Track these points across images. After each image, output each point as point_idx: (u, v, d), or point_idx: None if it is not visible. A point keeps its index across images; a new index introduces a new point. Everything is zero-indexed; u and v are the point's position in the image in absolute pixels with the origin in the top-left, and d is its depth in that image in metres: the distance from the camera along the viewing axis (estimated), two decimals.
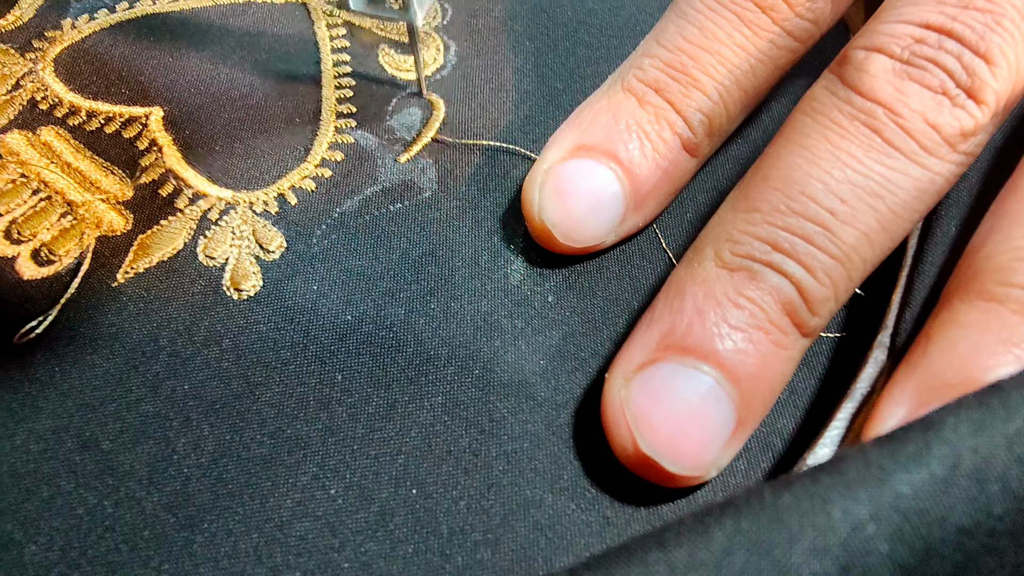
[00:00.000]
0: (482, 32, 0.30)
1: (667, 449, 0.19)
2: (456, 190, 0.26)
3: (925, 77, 0.20)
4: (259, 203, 0.26)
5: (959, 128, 0.20)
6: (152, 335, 0.23)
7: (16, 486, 0.21)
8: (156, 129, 0.27)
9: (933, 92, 0.20)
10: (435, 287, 0.24)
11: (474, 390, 0.22)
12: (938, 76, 0.20)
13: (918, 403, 0.18)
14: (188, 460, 0.21)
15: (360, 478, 0.21)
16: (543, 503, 0.21)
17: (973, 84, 0.20)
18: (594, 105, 0.24)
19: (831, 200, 0.20)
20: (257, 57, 0.29)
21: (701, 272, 0.21)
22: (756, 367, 0.20)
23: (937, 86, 0.20)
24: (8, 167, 0.26)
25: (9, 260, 0.24)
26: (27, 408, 0.22)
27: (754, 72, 0.23)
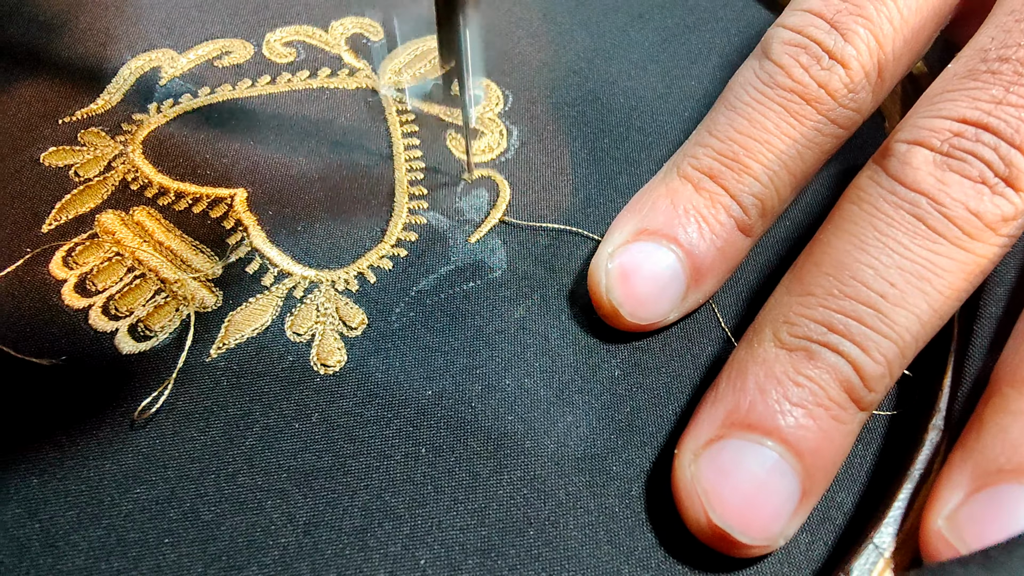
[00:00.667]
0: (541, 118, 0.32)
1: (738, 521, 0.21)
2: (524, 269, 0.28)
3: (965, 168, 0.22)
4: (340, 281, 0.27)
5: (1000, 214, 0.21)
6: (245, 409, 0.25)
7: (124, 555, 0.22)
8: (241, 209, 0.29)
9: (973, 182, 0.22)
10: (509, 363, 0.26)
11: (551, 464, 0.24)
12: (977, 167, 0.22)
13: (975, 487, 0.20)
14: (284, 530, 0.23)
15: (447, 549, 0.22)
16: (620, 573, 0.22)
17: (1011, 173, 0.21)
18: (653, 192, 0.26)
19: (881, 284, 0.22)
20: (332, 140, 0.31)
21: (761, 352, 0.22)
22: (818, 441, 0.21)
23: (976, 176, 0.22)
24: (104, 245, 0.28)
25: (108, 335, 0.26)
26: (131, 480, 0.23)
27: (801, 157, 0.25)
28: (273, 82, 0.33)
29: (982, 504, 0.19)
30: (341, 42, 0.34)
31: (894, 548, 0.21)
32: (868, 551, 0.21)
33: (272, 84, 0.33)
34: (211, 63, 0.33)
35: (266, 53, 0.34)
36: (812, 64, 0.25)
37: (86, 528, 0.22)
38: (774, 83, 0.25)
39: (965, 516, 0.19)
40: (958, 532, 0.19)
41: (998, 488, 0.19)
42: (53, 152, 0.30)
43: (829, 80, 0.24)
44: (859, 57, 0.24)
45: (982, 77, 0.22)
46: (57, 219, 0.28)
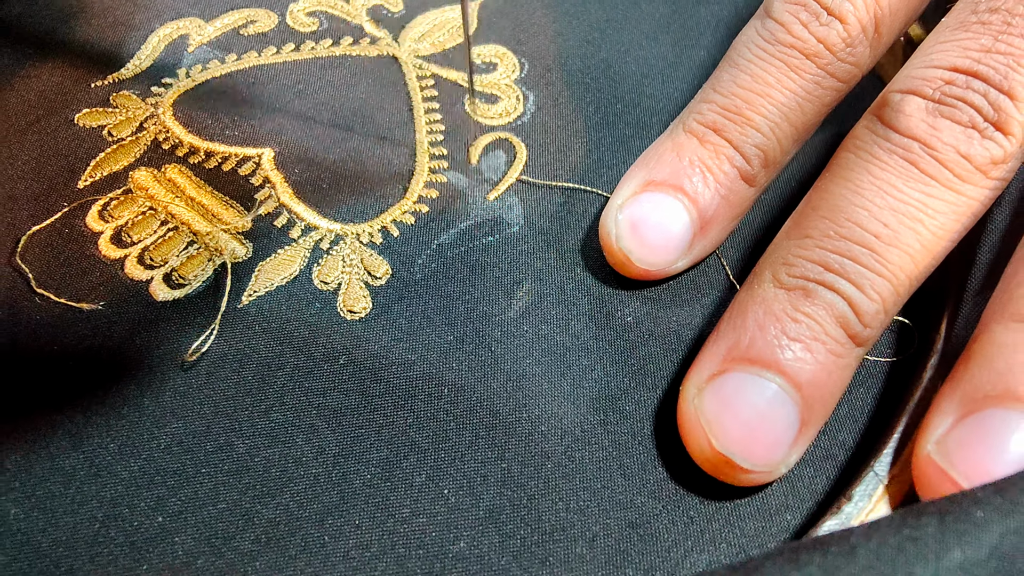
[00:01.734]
0: (556, 84, 0.33)
1: (740, 448, 0.22)
2: (540, 226, 0.29)
3: (955, 114, 0.23)
4: (365, 235, 0.28)
5: (989, 157, 0.23)
6: (276, 352, 0.26)
7: (163, 483, 0.23)
8: (268, 168, 0.30)
9: (963, 127, 0.23)
10: (527, 312, 0.27)
11: (568, 404, 0.25)
12: (967, 112, 0.23)
13: (962, 413, 0.21)
14: (315, 463, 0.24)
15: (469, 480, 0.24)
16: (633, 504, 0.23)
17: (999, 118, 0.23)
18: (660, 147, 0.27)
19: (875, 224, 0.23)
20: (355, 104, 0.32)
21: (760, 292, 0.24)
22: (815, 374, 0.22)
23: (967, 121, 0.23)
24: (138, 200, 0.29)
25: (144, 283, 0.27)
26: (168, 415, 0.24)
27: (802, 109, 0.26)
28: (297, 49, 0.34)
29: (969, 428, 0.20)
30: (362, 12, 0.35)
31: (892, 476, 0.22)
32: (868, 478, 0.22)
33: (296, 51, 0.34)
34: (237, 31, 0.34)
35: (290, 22, 0.35)
36: (811, 20, 0.26)
37: (127, 459, 0.24)
38: (775, 40, 0.26)
39: (953, 440, 0.20)
40: (947, 455, 0.20)
41: (984, 413, 0.20)
42: (87, 113, 0.31)
43: (827, 35, 0.26)
44: (856, 12, 0.25)
45: (972, 28, 0.23)
46: (92, 176, 0.30)
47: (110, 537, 0.22)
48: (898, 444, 0.23)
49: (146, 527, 0.23)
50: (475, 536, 0.23)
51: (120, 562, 0.22)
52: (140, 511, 0.23)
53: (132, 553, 0.22)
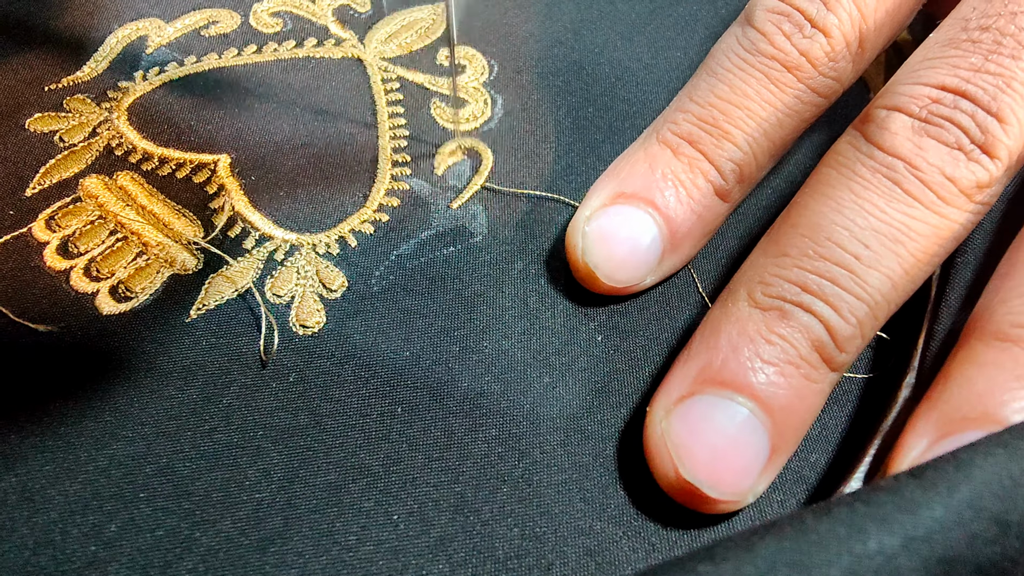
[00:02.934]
0: (526, 87, 0.32)
1: (707, 476, 0.21)
2: (505, 235, 0.28)
3: (942, 134, 0.22)
4: (321, 245, 0.27)
5: (975, 180, 0.21)
6: (224, 368, 0.25)
7: (99, 508, 0.22)
8: (224, 175, 0.29)
9: (949, 148, 0.22)
10: (487, 326, 0.26)
11: (526, 423, 0.24)
12: (954, 133, 0.22)
13: (939, 435, 0.20)
14: (259, 486, 0.23)
15: (420, 505, 0.22)
16: (592, 530, 0.22)
17: (986, 140, 0.21)
18: (631, 156, 0.26)
19: (855, 245, 0.22)
20: (317, 108, 0.31)
21: (735, 311, 0.22)
22: (788, 399, 0.21)
23: (953, 142, 0.22)
24: (87, 209, 0.28)
25: (89, 296, 0.26)
26: (108, 436, 0.23)
27: (781, 125, 0.25)
28: (259, 51, 0.33)
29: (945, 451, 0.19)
30: (328, 13, 0.34)
31: None
32: None
33: (258, 53, 0.33)
34: (198, 32, 0.33)
35: (253, 23, 0.34)
36: (794, 32, 0.25)
37: (62, 483, 0.23)
38: (756, 50, 0.25)
39: None
40: None
41: (961, 436, 0.19)
42: (39, 118, 0.30)
43: (810, 48, 0.24)
44: (841, 27, 0.24)
45: (963, 45, 0.22)
46: (41, 183, 0.29)
47: (40, 566, 0.21)
48: (870, 467, 0.22)
49: (79, 555, 0.21)
50: (424, 565, 0.22)
51: None
52: (73, 538, 0.22)
53: None
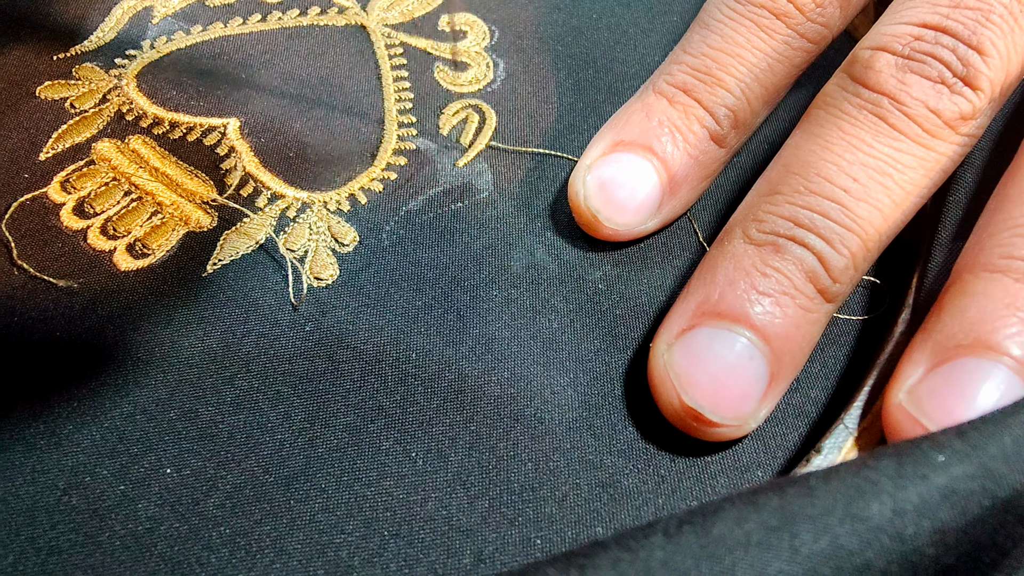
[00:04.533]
0: (527, 51, 0.33)
1: (708, 401, 0.22)
2: (510, 191, 0.29)
3: (925, 69, 0.23)
4: (332, 202, 0.28)
5: (958, 112, 0.22)
6: (241, 319, 0.25)
7: (126, 451, 0.23)
8: (234, 137, 0.30)
9: (932, 82, 0.23)
10: (496, 276, 0.27)
11: (537, 367, 0.25)
12: (936, 68, 0.23)
13: (934, 363, 0.21)
14: (281, 428, 0.23)
15: (437, 443, 0.23)
16: (603, 464, 0.23)
17: (968, 73, 0.22)
18: (629, 108, 0.27)
19: (844, 180, 0.23)
20: (322, 73, 0.32)
21: (731, 249, 0.23)
22: (784, 328, 0.22)
23: (936, 76, 0.23)
24: (101, 171, 0.29)
25: (107, 254, 0.27)
26: (131, 384, 0.24)
27: (772, 70, 0.26)
28: (264, 20, 0.33)
29: (941, 377, 0.20)
30: None
31: (862, 428, 0.22)
32: (838, 431, 0.22)
33: (263, 22, 0.33)
34: (202, 3, 0.34)
35: None
36: None
37: (88, 428, 0.23)
38: (745, 0, 0.26)
39: (925, 389, 0.20)
40: (918, 404, 0.20)
41: (956, 362, 0.20)
42: (48, 86, 0.31)
43: None
44: None
45: None
46: (54, 147, 0.29)
47: (72, 505, 0.22)
48: (868, 397, 0.23)
49: (109, 494, 0.22)
50: (443, 498, 0.22)
51: (82, 529, 0.22)
52: (102, 478, 0.22)
53: (94, 520, 0.22)
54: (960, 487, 0.16)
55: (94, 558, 0.21)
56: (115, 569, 0.21)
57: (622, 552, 0.15)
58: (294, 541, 0.22)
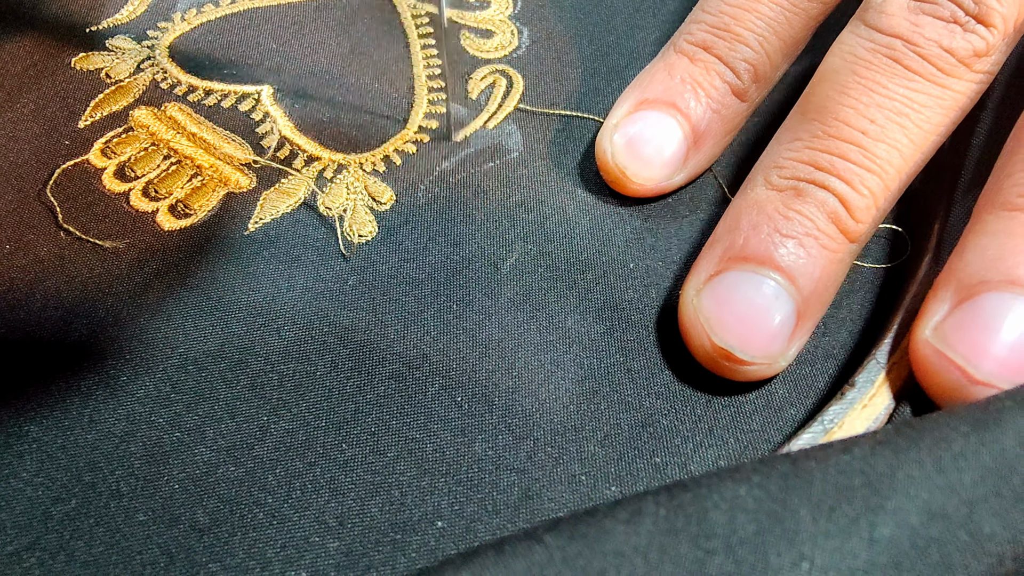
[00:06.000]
0: (549, 19, 0.33)
1: (738, 340, 0.22)
2: (540, 151, 0.29)
3: (937, 10, 0.24)
4: (368, 163, 0.29)
5: (972, 50, 0.23)
6: (286, 274, 0.26)
7: (179, 400, 0.24)
8: (269, 103, 0.30)
9: (945, 21, 0.23)
10: (531, 231, 0.27)
11: (576, 315, 0.26)
12: (948, 7, 0.23)
13: (958, 300, 0.21)
14: (328, 376, 0.24)
15: (482, 388, 0.24)
16: (642, 406, 0.24)
17: (980, 11, 0.23)
18: (652, 68, 0.28)
19: (861, 122, 0.23)
20: (352, 42, 0.32)
21: (753, 196, 0.24)
22: (809, 268, 0.23)
23: (948, 16, 0.23)
24: (140, 137, 0.29)
25: (150, 214, 0.27)
26: (181, 336, 0.25)
27: (789, 23, 0.27)
28: None
29: (965, 313, 0.21)
30: None
31: (893, 363, 0.23)
32: (871, 366, 0.23)
33: None
34: None
35: None
36: None
37: (142, 378, 0.24)
38: None
39: (950, 325, 0.21)
40: (945, 339, 0.21)
41: (979, 298, 0.21)
42: (83, 57, 0.32)
43: None
44: None
45: None
46: (93, 116, 0.30)
47: (130, 452, 0.23)
48: (896, 334, 0.23)
49: (165, 441, 0.23)
50: (489, 439, 0.23)
51: (141, 474, 0.22)
52: (158, 426, 0.23)
53: (152, 466, 0.23)
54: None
55: (154, 500, 0.22)
56: (176, 511, 0.22)
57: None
58: (347, 482, 0.22)
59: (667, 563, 0.14)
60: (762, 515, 0.15)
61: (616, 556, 0.14)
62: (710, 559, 0.14)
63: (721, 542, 0.15)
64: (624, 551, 0.15)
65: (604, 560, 0.14)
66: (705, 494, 0.16)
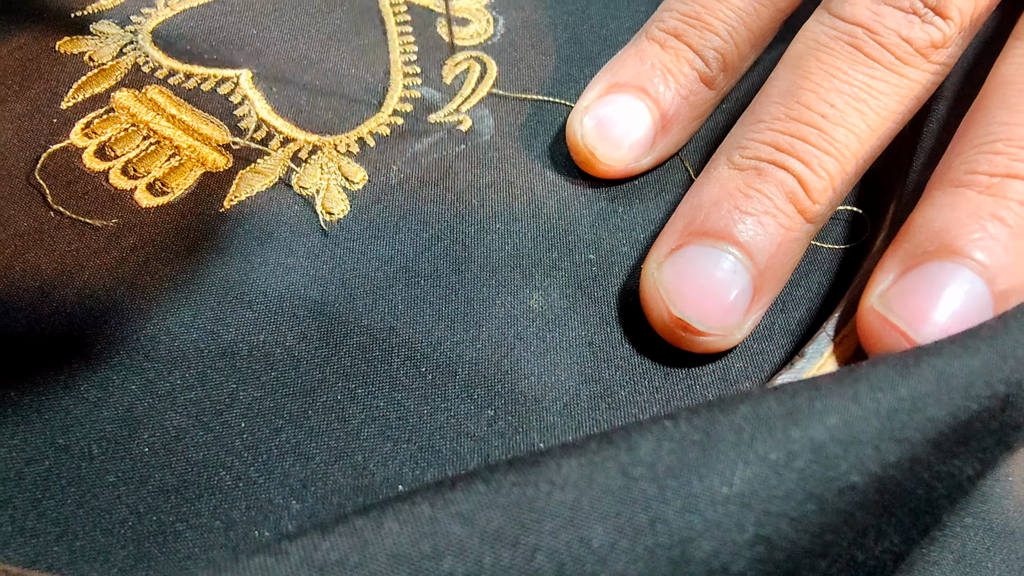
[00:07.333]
0: (525, 8, 0.34)
1: (695, 311, 0.23)
2: (511, 134, 0.30)
3: (897, 1, 0.24)
4: (342, 145, 0.30)
5: (929, 40, 0.24)
6: (258, 250, 0.27)
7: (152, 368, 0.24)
8: (247, 87, 0.31)
9: (904, 12, 0.24)
10: (499, 211, 0.28)
11: (539, 291, 0.26)
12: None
13: (904, 269, 0.22)
14: (297, 347, 0.25)
15: (446, 359, 0.25)
16: (602, 377, 0.25)
17: (938, 3, 0.24)
18: (624, 53, 0.29)
19: (822, 106, 0.24)
20: (330, 29, 0.33)
21: (716, 175, 0.25)
22: (767, 244, 0.24)
23: (908, 7, 0.24)
24: (120, 119, 0.30)
25: (128, 192, 0.28)
26: (154, 307, 0.25)
27: (758, 15, 0.28)
28: None
29: (909, 281, 0.22)
30: None
31: (843, 335, 0.24)
32: (820, 338, 0.23)
33: None
34: None
35: None
36: None
37: (116, 347, 0.25)
38: None
39: (895, 292, 0.22)
40: (889, 306, 0.22)
41: (923, 267, 0.21)
42: (68, 40, 0.32)
43: None
44: None
45: None
46: (75, 97, 0.31)
47: (102, 416, 0.23)
48: (846, 308, 0.24)
49: (136, 407, 0.24)
50: (451, 408, 0.24)
51: (113, 438, 0.23)
52: (130, 393, 0.24)
53: (124, 430, 0.23)
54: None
55: (125, 463, 0.23)
56: (145, 472, 0.23)
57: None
58: (312, 447, 0.23)
59: (595, 488, 0.15)
60: (687, 443, 0.16)
61: (548, 484, 0.15)
62: (635, 484, 0.15)
63: (647, 469, 0.15)
64: (555, 480, 0.15)
65: (536, 489, 0.15)
66: (635, 427, 0.17)
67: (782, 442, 0.16)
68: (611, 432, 0.17)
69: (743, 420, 0.16)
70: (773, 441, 0.16)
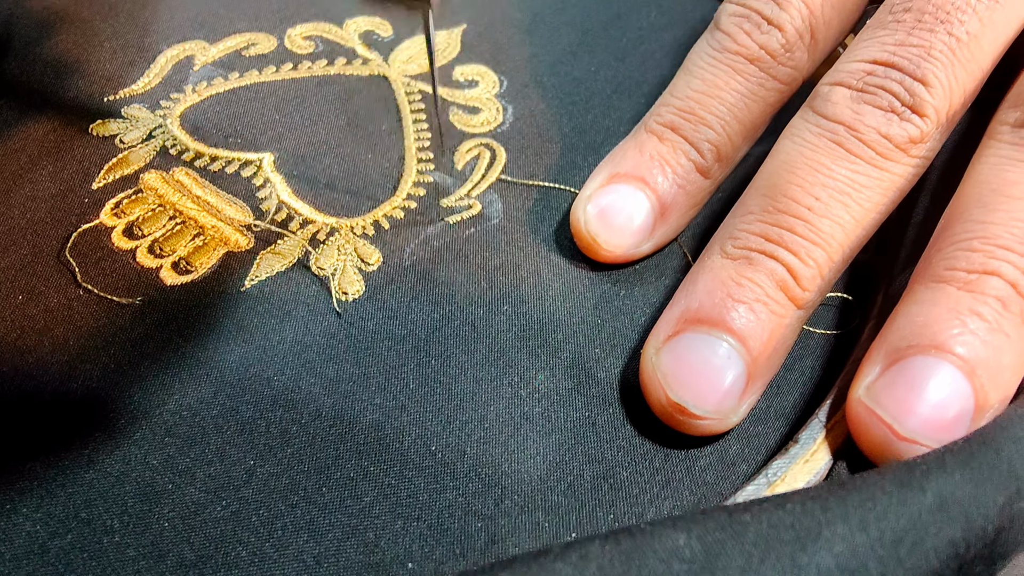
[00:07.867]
0: (532, 98, 0.36)
1: (692, 395, 0.24)
2: (518, 219, 0.32)
3: (876, 100, 0.26)
4: (358, 227, 0.31)
5: (907, 136, 0.26)
6: (277, 328, 0.28)
7: (173, 444, 0.25)
8: (269, 170, 0.33)
9: (884, 111, 0.26)
10: (506, 294, 0.29)
11: (545, 371, 0.27)
12: (886, 98, 0.26)
13: (888, 362, 0.23)
14: (312, 424, 0.26)
15: (456, 439, 0.26)
16: (604, 458, 0.26)
17: (915, 102, 0.26)
18: (624, 145, 0.31)
19: (808, 199, 0.26)
20: (349, 115, 0.35)
21: (710, 264, 0.27)
22: (760, 331, 0.25)
23: (886, 106, 0.26)
24: (148, 199, 0.32)
25: (154, 270, 0.30)
26: (177, 384, 0.27)
27: (749, 108, 0.30)
28: (295, 68, 0.37)
29: (894, 374, 0.23)
30: (355, 37, 0.39)
31: (835, 422, 0.25)
32: (813, 424, 0.25)
33: (294, 70, 0.37)
34: (239, 53, 0.38)
35: (288, 45, 0.38)
36: (753, 29, 0.29)
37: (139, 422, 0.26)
38: (723, 48, 0.30)
39: (880, 385, 0.23)
40: (876, 398, 0.23)
41: (907, 360, 0.23)
42: (100, 124, 0.34)
43: (768, 42, 0.29)
44: (792, 22, 0.29)
45: (889, 25, 0.27)
46: (106, 178, 0.32)
47: (124, 491, 0.24)
48: (837, 395, 0.25)
49: (157, 482, 0.25)
50: (460, 486, 0.25)
51: (133, 512, 0.24)
52: (151, 467, 0.25)
53: (145, 504, 0.24)
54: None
55: (144, 537, 0.24)
56: (164, 547, 0.23)
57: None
58: (326, 524, 0.24)
59: None
60: (696, 565, 0.17)
61: None
62: None
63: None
64: None
65: None
66: (647, 542, 0.18)
67: (790, 569, 0.17)
68: (620, 537, 0.17)
69: (752, 546, 0.17)
70: (781, 567, 0.17)
